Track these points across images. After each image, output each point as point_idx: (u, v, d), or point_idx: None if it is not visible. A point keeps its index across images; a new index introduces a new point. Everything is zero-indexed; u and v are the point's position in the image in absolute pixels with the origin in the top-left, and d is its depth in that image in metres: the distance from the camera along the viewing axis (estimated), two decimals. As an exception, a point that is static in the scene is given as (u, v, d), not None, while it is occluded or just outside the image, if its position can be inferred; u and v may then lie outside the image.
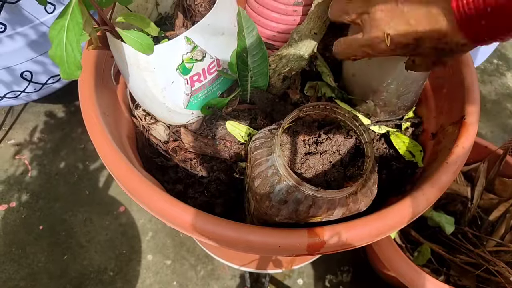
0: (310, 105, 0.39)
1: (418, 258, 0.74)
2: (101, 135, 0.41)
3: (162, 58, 0.41)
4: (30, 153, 1.09)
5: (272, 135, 0.39)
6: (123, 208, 1.01)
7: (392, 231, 0.38)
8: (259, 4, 0.50)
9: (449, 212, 0.78)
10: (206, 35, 0.42)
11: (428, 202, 0.39)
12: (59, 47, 0.31)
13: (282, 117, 0.47)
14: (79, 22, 0.30)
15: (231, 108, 0.50)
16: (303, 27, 0.47)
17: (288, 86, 0.53)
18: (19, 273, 0.92)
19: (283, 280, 0.93)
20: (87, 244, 0.96)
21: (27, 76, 0.87)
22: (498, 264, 0.69)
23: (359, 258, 0.95)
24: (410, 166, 0.49)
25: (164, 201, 0.36)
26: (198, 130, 0.50)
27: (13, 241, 0.96)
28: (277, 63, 0.49)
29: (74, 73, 0.32)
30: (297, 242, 0.35)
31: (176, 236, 0.98)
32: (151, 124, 0.52)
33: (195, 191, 0.49)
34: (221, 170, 0.49)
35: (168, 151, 0.51)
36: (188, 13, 0.50)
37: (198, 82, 0.46)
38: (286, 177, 0.35)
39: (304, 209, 0.35)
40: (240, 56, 0.46)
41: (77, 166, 1.07)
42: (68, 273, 0.92)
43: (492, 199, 0.78)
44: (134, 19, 0.41)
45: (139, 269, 0.94)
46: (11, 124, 1.14)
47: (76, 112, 1.17)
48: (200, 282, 0.92)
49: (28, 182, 1.04)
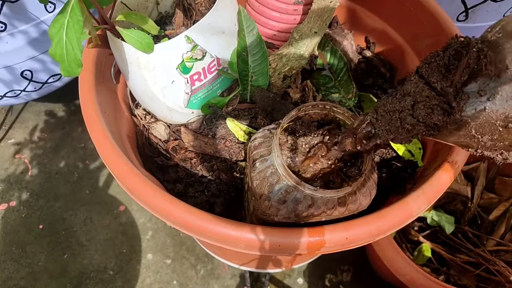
0: (309, 104, 0.39)
1: (418, 258, 0.74)
2: (101, 134, 0.41)
3: (162, 57, 0.41)
4: (30, 152, 1.09)
5: (272, 135, 0.39)
6: (123, 207, 1.01)
7: (393, 231, 0.38)
8: (260, 3, 0.50)
9: (449, 212, 0.78)
10: (207, 34, 0.42)
11: (429, 201, 0.39)
12: (59, 45, 0.31)
13: (282, 116, 0.47)
14: (79, 20, 0.30)
15: (231, 107, 0.50)
16: (303, 26, 0.47)
17: (289, 85, 0.53)
18: (19, 272, 0.92)
19: (283, 280, 0.93)
20: (87, 243, 0.96)
21: (27, 75, 0.87)
22: (498, 264, 0.69)
23: (359, 257, 0.95)
24: (410, 166, 0.49)
25: (164, 200, 0.36)
26: (198, 129, 0.50)
27: (13, 240, 0.96)
28: (277, 62, 0.49)
29: (74, 71, 0.32)
30: (298, 241, 0.35)
31: (176, 235, 0.98)
32: (151, 123, 0.52)
33: (195, 190, 0.49)
34: (221, 170, 0.49)
35: (168, 150, 0.51)
36: (188, 12, 0.50)
37: (198, 81, 0.46)
38: (285, 177, 0.35)
39: (303, 209, 0.35)
40: (240, 55, 0.46)
41: (77, 165, 1.07)
42: (68, 272, 0.92)
43: (492, 198, 0.78)
44: (134, 18, 0.41)
45: (139, 268, 0.94)
46: (11, 123, 1.14)
47: (76, 111, 1.17)
48: (200, 281, 0.92)
49: (28, 181, 1.04)
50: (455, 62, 0.29)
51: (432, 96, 0.29)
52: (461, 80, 0.28)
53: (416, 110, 0.30)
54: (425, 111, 0.30)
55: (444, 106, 0.29)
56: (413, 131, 0.31)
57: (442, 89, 0.29)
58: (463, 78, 0.28)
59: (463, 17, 0.82)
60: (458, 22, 0.83)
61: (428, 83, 0.30)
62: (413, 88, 0.30)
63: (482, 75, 0.27)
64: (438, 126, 0.30)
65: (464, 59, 0.28)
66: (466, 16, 0.81)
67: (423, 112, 0.30)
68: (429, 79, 0.30)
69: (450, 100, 0.28)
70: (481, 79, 0.27)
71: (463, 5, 0.79)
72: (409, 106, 0.30)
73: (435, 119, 0.29)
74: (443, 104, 0.29)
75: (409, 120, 0.30)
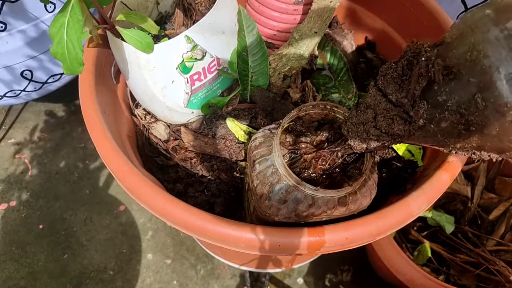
0: (310, 104, 0.39)
1: (418, 258, 0.74)
2: (101, 134, 0.40)
3: (162, 57, 0.41)
4: (30, 152, 1.09)
5: (272, 135, 0.39)
6: (123, 207, 1.01)
7: (393, 231, 0.38)
8: (260, 3, 0.50)
9: (449, 211, 0.78)
10: (207, 34, 0.42)
11: (429, 201, 0.39)
12: (60, 44, 0.31)
13: (282, 116, 0.47)
14: (79, 20, 0.30)
15: (231, 107, 0.50)
16: (303, 26, 0.47)
17: (289, 85, 0.53)
18: (19, 272, 0.92)
19: (283, 280, 0.93)
20: (87, 243, 0.96)
21: (27, 75, 0.87)
22: (498, 264, 0.69)
23: (359, 257, 0.95)
24: (410, 165, 0.49)
25: (164, 200, 0.36)
26: (198, 129, 0.50)
27: (13, 240, 0.96)
28: (277, 62, 0.49)
29: (76, 69, 0.32)
30: (298, 241, 0.35)
31: (176, 235, 0.98)
32: (151, 123, 0.52)
33: (195, 190, 0.49)
34: (221, 169, 0.49)
35: (168, 150, 0.51)
36: (188, 12, 0.50)
37: (198, 81, 0.46)
38: (286, 177, 0.35)
39: (303, 209, 0.35)
40: (240, 55, 0.46)
41: (77, 165, 1.07)
42: (68, 272, 0.92)
43: (492, 198, 0.78)
44: (134, 18, 0.41)
45: (139, 268, 0.94)
46: (11, 123, 1.14)
47: (76, 111, 1.17)
48: (200, 281, 0.92)
49: (28, 181, 1.04)
50: (408, 72, 0.29)
51: (389, 108, 0.30)
52: (418, 89, 0.28)
53: (378, 122, 0.31)
54: (386, 122, 0.30)
55: (403, 116, 0.29)
56: (379, 141, 0.31)
57: (397, 100, 0.29)
58: (420, 86, 0.28)
59: (463, 17, 0.82)
60: (458, 22, 0.83)
61: (385, 95, 0.30)
62: (372, 101, 0.31)
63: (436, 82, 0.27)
64: (400, 136, 0.30)
65: (415, 69, 0.28)
66: (466, 16, 0.81)
67: (384, 123, 0.30)
68: (386, 91, 0.30)
69: (407, 109, 0.29)
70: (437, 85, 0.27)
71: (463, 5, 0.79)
72: (370, 118, 0.31)
73: (395, 129, 0.30)
74: (402, 113, 0.29)
75: (372, 132, 0.31)
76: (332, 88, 0.56)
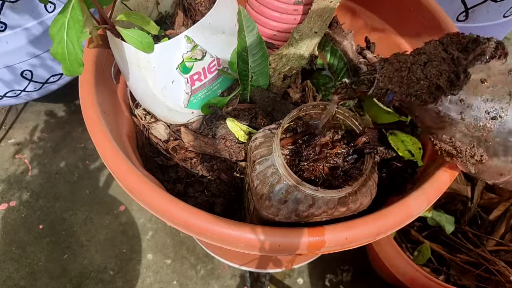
0: (310, 104, 0.39)
1: (418, 258, 0.74)
2: (101, 134, 0.40)
3: (163, 57, 0.41)
4: (30, 152, 1.09)
5: (272, 135, 0.39)
6: (123, 207, 1.01)
7: (393, 231, 0.38)
8: (260, 3, 0.50)
9: (449, 212, 0.78)
10: (207, 34, 0.42)
11: (429, 201, 0.39)
12: (60, 45, 0.31)
13: (282, 116, 0.47)
14: (79, 20, 0.30)
15: (231, 107, 0.50)
16: (303, 26, 0.47)
17: (289, 85, 0.53)
18: (19, 272, 0.92)
19: (283, 280, 0.93)
20: (87, 243, 0.96)
21: (28, 75, 0.87)
22: (498, 264, 0.69)
23: (359, 257, 0.95)
24: (410, 166, 0.49)
25: (164, 200, 0.36)
26: (198, 129, 0.50)
27: (13, 240, 0.96)
28: (277, 62, 0.49)
29: (76, 70, 0.32)
30: (298, 241, 0.35)
31: (176, 235, 0.98)
32: (151, 123, 0.52)
33: (195, 190, 0.49)
34: (221, 169, 0.49)
35: (168, 150, 0.51)
36: (188, 12, 0.50)
37: (199, 81, 0.46)
38: (286, 177, 0.35)
39: (304, 209, 0.35)
40: (240, 55, 0.46)
41: (77, 165, 1.07)
42: (68, 272, 0.92)
43: (492, 198, 0.78)
44: (135, 18, 0.41)
45: (139, 268, 0.94)
46: (12, 123, 1.14)
47: (77, 111, 1.17)
48: (200, 281, 0.92)
49: (28, 181, 1.04)
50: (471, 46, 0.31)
51: (446, 59, 0.31)
52: (470, 63, 0.30)
53: (428, 67, 0.32)
54: (436, 70, 0.31)
55: (451, 76, 0.31)
56: (415, 86, 0.32)
57: (457, 57, 0.31)
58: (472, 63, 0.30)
59: (463, 17, 0.82)
60: (458, 22, 0.83)
61: (446, 50, 0.32)
62: (431, 49, 0.32)
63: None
64: (436, 94, 0.32)
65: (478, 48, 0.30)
66: (466, 16, 0.81)
67: (433, 70, 0.31)
68: (448, 47, 0.32)
69: (459, 71, 0.31)
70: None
71: (463, 5, 0.79)
72: (422, 62, 0.32)
73: (440, 81, 0.31)
74: (452, 73, 0.31)
75: (418, 73, 0.32)
76: (332, 88, 0.56)
